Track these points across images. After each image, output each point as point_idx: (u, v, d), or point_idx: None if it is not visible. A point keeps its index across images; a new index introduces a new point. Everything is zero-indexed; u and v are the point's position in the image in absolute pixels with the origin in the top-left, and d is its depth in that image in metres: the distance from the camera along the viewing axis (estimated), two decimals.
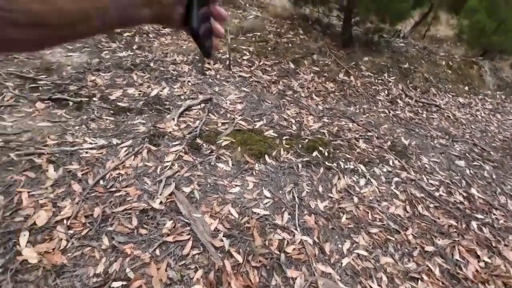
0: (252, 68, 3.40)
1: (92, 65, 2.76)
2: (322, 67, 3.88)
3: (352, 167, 2.31)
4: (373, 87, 3.86)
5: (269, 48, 3.76)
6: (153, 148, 2.00)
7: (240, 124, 2.45)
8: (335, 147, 2.50)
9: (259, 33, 3.97)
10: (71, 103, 2.22)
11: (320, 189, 2.01)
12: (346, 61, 4.13)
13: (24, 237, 1.32)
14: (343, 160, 2.36)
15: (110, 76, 2.69)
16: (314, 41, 4.26)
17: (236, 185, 1.86)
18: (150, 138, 2.07)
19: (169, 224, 1.52)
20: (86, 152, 1.85)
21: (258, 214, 1.69)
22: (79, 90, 2.40)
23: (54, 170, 1.67)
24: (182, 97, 2.66)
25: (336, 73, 3.84)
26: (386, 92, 3.86)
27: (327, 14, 4.94)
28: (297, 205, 1.81)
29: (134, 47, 3.29)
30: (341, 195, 2.00)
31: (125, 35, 3.49)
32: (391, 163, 2.51)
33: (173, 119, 2.33)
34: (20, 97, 2.13)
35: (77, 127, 2.03)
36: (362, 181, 2.19)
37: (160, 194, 1.66)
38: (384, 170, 2.39)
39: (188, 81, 2.91)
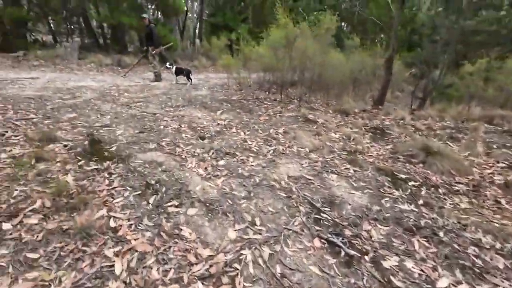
0: None
1: (371, 211, 2.58)
2: None
3: None
4: None
5: None
6: None
7: None
8: None
9: None
10: (343, 253, 2.04)
11: None
12: None
13: None
14: None
15: (387, 232, 2.32)
16: None
17: None
18: None
19: None
20: None
21: None
22: (353, 238, 2.21)
23: None
24: None
25: None
26: None
27: None
28: None
29: (420, 201, 2.81)
30: None
31: (410, 183, 3.16)
32: None
33: None
34: (305, 226, 2.29)
35: None
36: None
37: None
38: None
39: None
